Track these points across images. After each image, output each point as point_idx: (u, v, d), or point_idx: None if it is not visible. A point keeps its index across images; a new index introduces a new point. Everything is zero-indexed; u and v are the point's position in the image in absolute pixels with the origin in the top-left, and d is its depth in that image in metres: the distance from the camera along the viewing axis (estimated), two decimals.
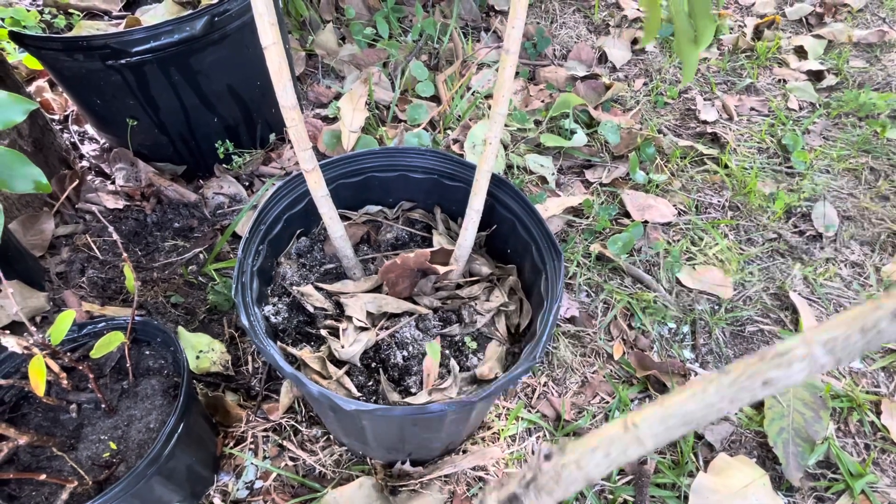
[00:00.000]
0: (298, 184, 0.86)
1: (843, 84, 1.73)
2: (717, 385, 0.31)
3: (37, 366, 0.59)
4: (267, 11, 0.56)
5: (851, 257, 1.25)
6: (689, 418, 0.32)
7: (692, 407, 0.32)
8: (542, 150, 1.44)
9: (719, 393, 0.31)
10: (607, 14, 1.96)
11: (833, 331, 0.29)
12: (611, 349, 1.06)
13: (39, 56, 1.07)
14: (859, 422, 0.98)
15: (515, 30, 0.61)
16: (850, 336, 0.28)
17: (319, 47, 1.65)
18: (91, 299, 1.06)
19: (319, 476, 0.88)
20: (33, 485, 0.68)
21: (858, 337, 0.28)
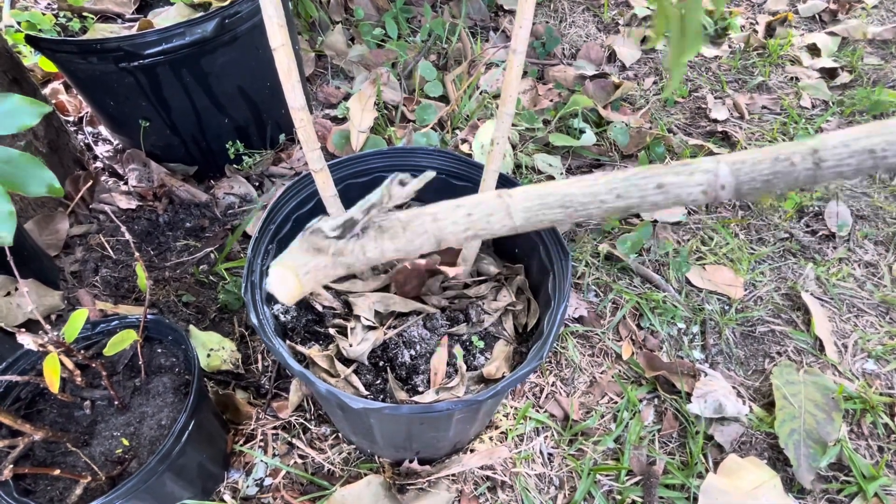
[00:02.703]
0: (307, 184, 0.86)
1: (857, 82, 1.70)
2: (608, 178, 0.29)
3: (51, 363, 0.60)
4: (276, 14, 0.56)
5: (865, 257, 1.24)
6: (569, 201, 0.29)
7: (574, 191, 0.29)
8: (550, 150, 1.44)
9: (608, 185, 0.29)
10: (617, 13, 1.95)
11: (746, 155, 0.27)
12: (619, 349, 1.06)
13: (54, 59, 1.09)
14: (872, 424, 0.97)
15: (523, 30, 0.61)
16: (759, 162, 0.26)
17: (329, 48, 1.66)
18: (104, 298, 1.07)
19: (328, 474, 0.88)
20: (48, 480, 0.69)
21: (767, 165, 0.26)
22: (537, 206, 0.30)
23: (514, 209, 0.30)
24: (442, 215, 0.32)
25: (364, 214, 0.34)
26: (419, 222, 0.32)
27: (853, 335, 1.10)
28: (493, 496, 0.87)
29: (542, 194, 0.30)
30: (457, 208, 0.31)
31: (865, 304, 1.15)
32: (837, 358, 1.06)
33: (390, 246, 0.33)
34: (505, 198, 0.30)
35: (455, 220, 0.31)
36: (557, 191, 0.30)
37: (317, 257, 0.36)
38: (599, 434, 0.94)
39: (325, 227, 0.36)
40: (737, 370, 1.05)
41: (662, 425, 0.96)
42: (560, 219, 0.30)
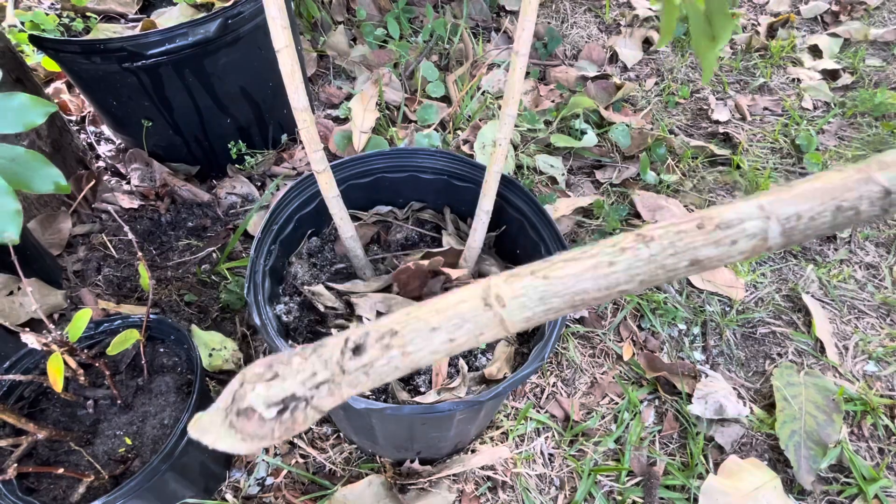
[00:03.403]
0: (310, 184, 0.87)
1: (859, 83, 1.71)
2: (631, 257, 0.23)
3: (55, 362, 0.61)
4: (280, 15, 0.57)
5: (866, 259, 1.24)
6: (580, 300, 0.23)
7: (588, 286, 0.23)
8: (552, 151, 1.44)
9: (630, 273, 0.23)
10: (618, 13, 1.95)
11: (800, 204, 0.21)
12: (620, 350, 1.06)
13: (57, 58, 1.09)
14: (873, 425, 0.97)
15: (526, 31, 0.61)
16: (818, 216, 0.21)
17: (331, 48, 1.66)
18: (107, 297, 1.08)
19: (329, 474, 0.88)
20: (51, 478, 0.69)
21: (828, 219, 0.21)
22: (541, 314, 0.24)
23: (511, 321, 0.24)
24: (415, 346, 0.25)
25: (312, 389, 0.27)
26: (385, 360, 0.26)
27: (854, 337, 1.10)
28: (493, 496, 0.87)
29: (546, 296, 0.24)
30: (433, 333, 0.25)
31: (866, 306, 1.15)
32: (838, 359, 1.06)
33: (350, 392, 0.27)
34: (496, 307, 0.24)
35: (433, 349, 0.25)
36: (566, 288, 0.24)
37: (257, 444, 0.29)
38: (600, 435, 0.95)
39: (258, 405, 0.27)
40: (737, 371, 1.05)
41: (663, 426, 0.96)
42: (562, 315, 0.25)
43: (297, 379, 0.27)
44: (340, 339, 0.27)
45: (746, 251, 0.22)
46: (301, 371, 0.27)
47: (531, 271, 0.24)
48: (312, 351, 0.28)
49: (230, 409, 0.28)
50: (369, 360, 0.26)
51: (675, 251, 0.22)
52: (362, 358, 0.26)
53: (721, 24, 0.55)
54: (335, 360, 0.26)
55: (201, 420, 0.30)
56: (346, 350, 0.26)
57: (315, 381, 0.27)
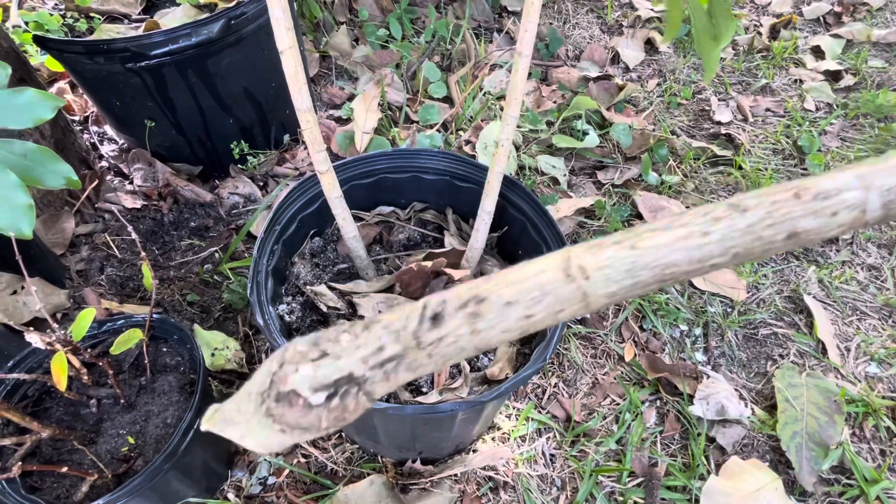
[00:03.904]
0: (312, 185, 0.87)
1: (862, 84, 1.70)
2: (726, 227, 0.21)
3: (59, 361, 0.61)
4: (283, 16, 0.57)
5: (868, 260, 1.24)
6: (670, 274, 0.21)
7: (679, 257, 0.21)
8: (554, 151, 1.44)
9: (725, 244, 0.21)
10: (620, 14, 1.95)
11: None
12: (622, 351, 1.06)
13: (61, 59, 1.09)
14: (875, 427, 0.97)
15: (528, 33, 0.62)
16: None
17: (333, 49, 1.67)
18: (110, 297, 1.08)
19: (331, 473, 0.89)
20: (55, 477, 0.69)
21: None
22: (627, 288, 0.21)
23: (594, 296, 0.21)
24: (485, 322, 0.22)
25: (372, 370, 0.23)
26: (451, 339, 0.22)
27: (856, 338, 1.10)
28: (495, 497, 0.87)
29: (634, 268, 0.21)
30: (507, 308, 0.22)
31: (868, 308, 1.15)
32: (840, 361, 1.06)
33: (408, 377, 0.23)
34: (579, 279, 0.21)
35: (506, 326, 0.22)
36: (656, 260, 0.21)
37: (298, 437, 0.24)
38: (601, 435, 0.95)
39: (303, 388, 0.23)
40: (739, 372, 1.05)
41: (664, 427, 0.96)
42: (640, 294, 0.22)
43: (356, 356, 0.23)
44: (416, 306, 0.22)
45: (846, 224, 0.20)
46: (362, 346, 0.23)
47: (614, 241, 0.21)
48: (364, 328, 0.24)
49: (267, 395, 0.24)
50: (447, 331, 0.22)
51: (772, 221, 0.20)
52: (440, 329, 0.22)
53: (724, 23, 0.55)
54: (411, 331, 0.22)
55: (223, 410, 0.25)
56: (424, 318, 0.22)
57: (380, 358, 0.23)
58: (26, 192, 0.57)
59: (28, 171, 0.58)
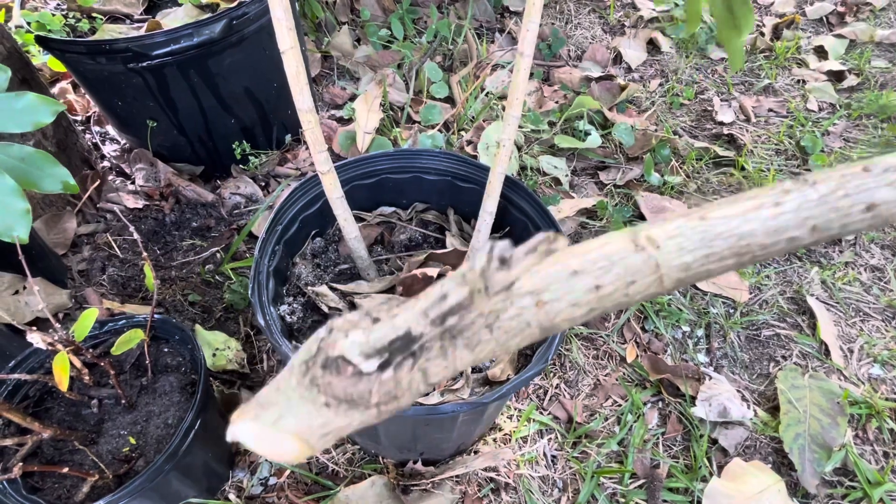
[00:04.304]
0: (314, 185, 0.87)
1: (865, 85, 1.70)
2: (798, 197, 0.20)
3: (61, 362, 0.61)
4: (285, 16, 0.57)
5: (871, 261, 1.23)
6: (746, 246, 0.20)
7: (755, 227, 0.20)
8: (555, 152, 1.44)
9: (801, 211, 0.20)
10: (623, 14, 1.94)
11: None
12: (624, 352, 1.06)
13: (63, 59, 1.10)
14: (878, 429, 0.97)
15: (530, 33, 0.61)
16: None
17: (335, 49, 1.67)
18: (111, 297, 1.08)
19: (332, 474, 0.89)
20: (55, 477, 0.69)
21: None
22: (700, 260, 0.20)
23: (667, 267, 0.20)
24: (550, 293, 0.20)
25: (433, 326, 0.21)
26: (513, 311, 0.21)
27: (859, 340, 1.09)
28: (496, 498, 0.87)
29: (706, 238, 0.20)
30: (574, 278, 0.20)
31: (871, 309, 1.14)
32: (843, 362, 1.06)
33: (468, 357, 0.21)
34: (649, 248, 0.20)
35: (574, 299, 0.20)
36: (729, 229, 0.20)
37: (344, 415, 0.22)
38: (603, 437, 0.94)
39: (353, 354, 0.21)
40: (741, 374, 1.05)
41: (666, 428, 0.96)
42: (722, 270, 0.21)
43: (415, 308, 0.20)
44: (482, 251, 0.21)
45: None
46: (423, 299, 0.21)
47: (681, 215, 0.20)
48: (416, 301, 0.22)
49: (313, 362, 0.22)
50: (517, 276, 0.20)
51: (846, 192, 0.19)
52: (510, 271, 0.20)
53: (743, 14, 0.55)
54: (478, 270, 0.20)
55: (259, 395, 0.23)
56: (493, 258, 0.20)
57: (442, 309, 0.20)
58: (23, 196, 0.57)
59: (26, 175, 0.59)
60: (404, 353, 0.21)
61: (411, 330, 0.21)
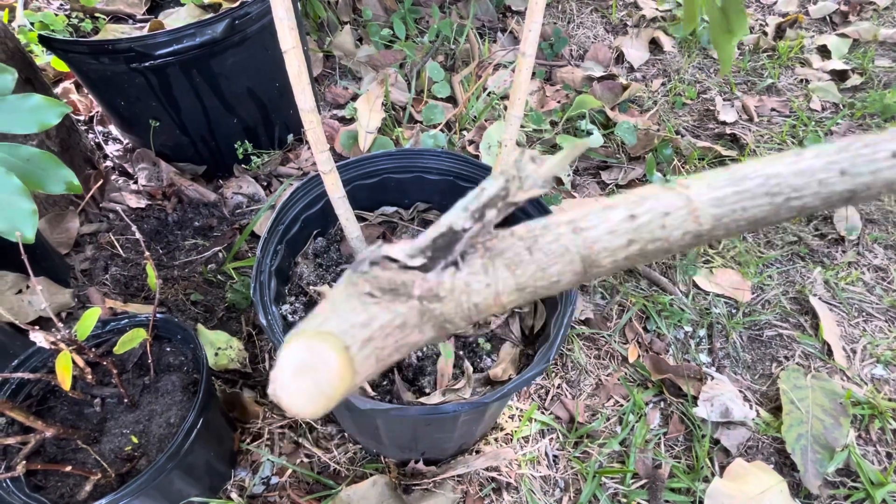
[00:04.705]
0: (315, 185, 0.87)
1: (868, 84, 1.69)
2: (816, 150, 0.21)
3: (63, 361, 0.61)
4: (287, 16, 0.57)
5: (875, 261, 1.23)
6: (775, 185, 0.20)
7: (781, 169, 0.21)
8: (557, 152, 1.43)
9: (821, 156, 0.20)
10: (625, 14, 1.94)
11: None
12: (626, 352, 1.06)
13: (66, 59, 1.10)
14: (881, 429, 0.96)
15: (532, 32, 0.61)
16: None
17: (337, 48, 1.67)
18: (114, 296, 1.08)
19: (334, 473, 0.89)
20: (58, 476, 0.70)
21: None
22: (732, 197, 0.20)
23: (700, 203, 0.20)
24: (587, 222, 0.21)
25: (473, 220, 0.21)
26: (551, 237, 0.21)
27: (862, 340, 1.09)
28: (498, 497, 0.87)
29: (734, 179, 0.20)
30: (607, 210, 0.21)
31: (874, 309, 1.14)
32: (846, 363, 1.05)
33: (509, 281, 0.21)
34: (679, 188, 0.21)
35: (611, 227, 0.21)
36: (754, 172, 0.21)
37: (386, 309, 0.21)
38: (605, 437, 0.94)
39: (397, 252, 0.22)
40: (744, 374, 1.04)
41: (668, 429, 0.96)
42: (764, 214, 0.20)
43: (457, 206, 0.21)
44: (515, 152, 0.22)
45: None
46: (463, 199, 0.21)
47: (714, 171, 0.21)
48: None
49: (359, 263, 0.22)
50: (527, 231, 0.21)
51: (865, 144, 0.20)
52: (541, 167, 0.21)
53: (737, 18, 0.55)
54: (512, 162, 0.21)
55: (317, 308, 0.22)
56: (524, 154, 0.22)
57: (480, 202, 0.21)
58: (29, 197, 0.57)
59: (31, 176, 0.59)
60: (447, 254, 0.21)
61: (452, 225, 0.21)
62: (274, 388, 0.22)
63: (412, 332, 0.22)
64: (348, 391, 0.22)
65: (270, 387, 0.23)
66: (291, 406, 0.21)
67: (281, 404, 0.22)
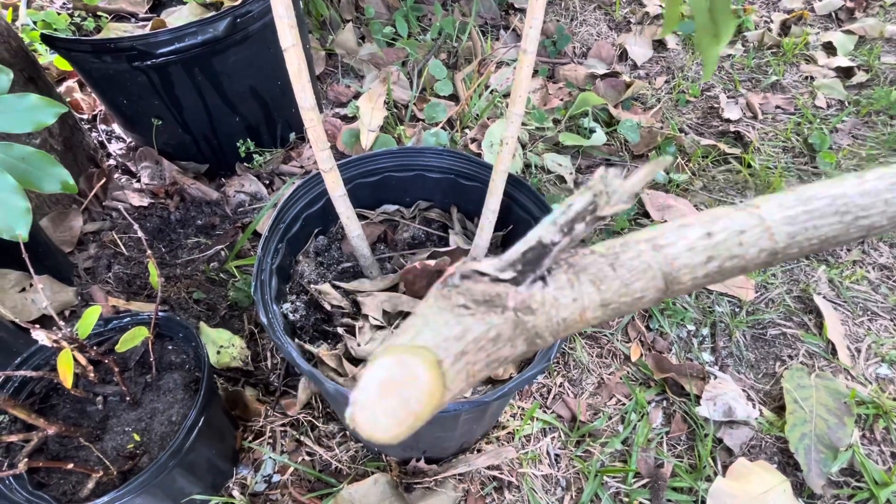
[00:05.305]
0: (316, 183, 0.87)
1: (874, 81, 1.68)
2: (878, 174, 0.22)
3: (65, 359, 0.61)
4: (287, 14, 0.57)
5: (880, 260, 1.22)
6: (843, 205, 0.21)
7: (845, 190, 0.21)
8: (560, 149, 1.43)
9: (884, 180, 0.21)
10: (629, 11, 1.93)
11: None
12: (628, 350, 1.05)
13: (69, 57, 1.10)
14: (885, 429, 0.96)
15: (533, 29, 0.61)
16: None
17: (339, 46, 1.66)
18: (117, 294, 1.09)
19: (335, 471, 0.89)
20: (61, 473, 0.70)
21: None
22: (803, 216, 0.21)
23: (772, 222, 0.21)
24: (665, 239, 0.22)
25: (562, 233, 0.22)
26: (632, 253, 0.22)
27: (866, 339, 1.08)
28: (499, 496, 0.87)
29: (802, 199, 0.21)
30: (683, 228, 0.22)
31: (879, 308, 1.13)
32: (850, 362, 1.05)
33: (595, 296, 0.22)
34: (750, 208, 0.22)
35: (689, 244, 0.21)
36: (820, 193, 0.21)
37: (481, 320, 0.21)
38: (607, 436, 0.94)
39: (486, 267, 0.22)
40: (747, 373, 1.04)
41: (671, 428, 0.95)
42: (835, 233, 0.21)
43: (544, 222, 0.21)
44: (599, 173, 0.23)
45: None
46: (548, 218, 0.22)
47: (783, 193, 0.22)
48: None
49: (448, 279, 0.22)
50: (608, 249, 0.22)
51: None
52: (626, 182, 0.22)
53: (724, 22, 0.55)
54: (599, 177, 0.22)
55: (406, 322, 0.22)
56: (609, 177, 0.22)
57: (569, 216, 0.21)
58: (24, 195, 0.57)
59: (26, 175, 0.59)
60: (535, 268, 0.22)
61: (542, 239, 0.22)
62: (353, 411, 0.21)
63: (505, 345, 0.22)
64: (435, 411, 0.21)
65: (349, 411, 0.21)
66: (374, 430, 0.20)
67: (359, 430, 0.20)
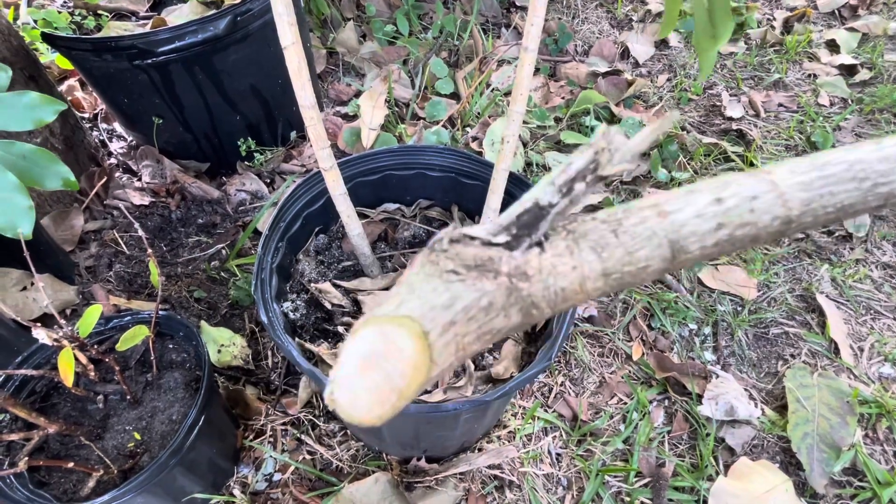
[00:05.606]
0: (317, 182, 0.87)
1: (878, 79, 1.67)
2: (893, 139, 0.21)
3: (66, 358, 0.61)
4: (286, 11, 0.57)
5: (883, 258, 1.21)
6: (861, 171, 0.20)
7: (862, 156, 0.20)
8: (562, 148, 1.43)
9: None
10: (630, 9, 1.92)
11: None
12: (629, 349, 1.05)
13: (70, 56, 1.10)
14: (888, 428, 0.95)
15: (534, 27, 0.61)
16: None
17: (340, 45, 1.66)
18: (118, 293, 1.09)
19: (336, 470, 0.89)
20: (62, 472, 0.70)
21: None
22: (818, 182, 0.20)
23: (786, 187, 0.20)
24: (671, 205, 0.20)
25: (560, 194, 0.20)
26: (636, 219, 0.20)
27: (869, 338, 1.08)
28: (500, 495, 0.87)
29: (818, 165, 0.20)
30: (691, 194, 0.20)
31: (882, 307, 1.13)
32: (853, 361, 1.04)
33: (596, 265, 0.20)
34: (761, 174, 0.20)
35: (697, 210, 0.20)
36: (837, 158, 0.20)
37: (472, 287, 0.19)
38: (608, 435, 0.94)
39: (478, 231, 0.21)
40: (749, 372, 1.04)
41: (672, 427, 0.95)
42: (853, 200, 0.20)
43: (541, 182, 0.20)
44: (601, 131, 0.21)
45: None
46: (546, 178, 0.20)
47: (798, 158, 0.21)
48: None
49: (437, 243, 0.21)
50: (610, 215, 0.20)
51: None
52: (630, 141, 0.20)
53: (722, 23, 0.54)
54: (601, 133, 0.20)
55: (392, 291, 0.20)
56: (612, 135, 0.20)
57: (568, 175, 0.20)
58: (26, 193, 0.57)
59: (27, 173, 0.59)
60: (531, 233, 0.20)
61: (538, 200, 0.20)
62: (332, 389, 0.19)
63: (497, 315, 0.20)
64: (421, 387, 0.19)
65: (327, 390, 0.19)
66: (354, 409, 0.18)
67: (339, 410, 0.19)
